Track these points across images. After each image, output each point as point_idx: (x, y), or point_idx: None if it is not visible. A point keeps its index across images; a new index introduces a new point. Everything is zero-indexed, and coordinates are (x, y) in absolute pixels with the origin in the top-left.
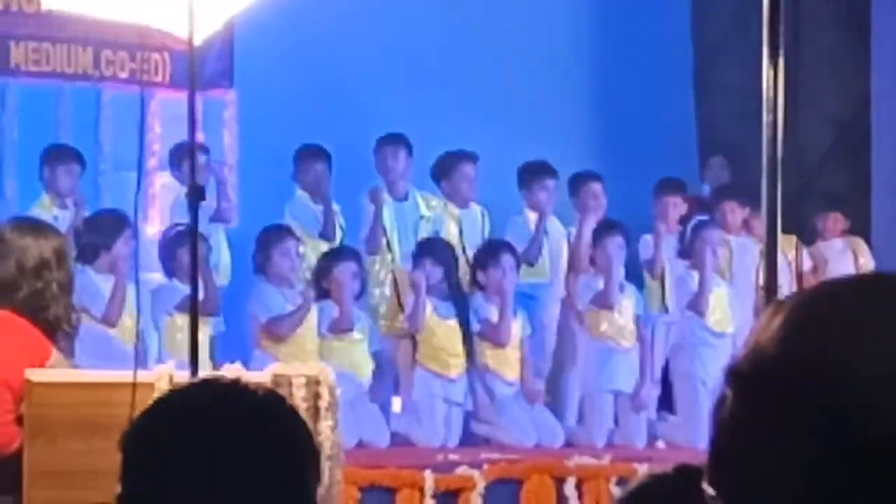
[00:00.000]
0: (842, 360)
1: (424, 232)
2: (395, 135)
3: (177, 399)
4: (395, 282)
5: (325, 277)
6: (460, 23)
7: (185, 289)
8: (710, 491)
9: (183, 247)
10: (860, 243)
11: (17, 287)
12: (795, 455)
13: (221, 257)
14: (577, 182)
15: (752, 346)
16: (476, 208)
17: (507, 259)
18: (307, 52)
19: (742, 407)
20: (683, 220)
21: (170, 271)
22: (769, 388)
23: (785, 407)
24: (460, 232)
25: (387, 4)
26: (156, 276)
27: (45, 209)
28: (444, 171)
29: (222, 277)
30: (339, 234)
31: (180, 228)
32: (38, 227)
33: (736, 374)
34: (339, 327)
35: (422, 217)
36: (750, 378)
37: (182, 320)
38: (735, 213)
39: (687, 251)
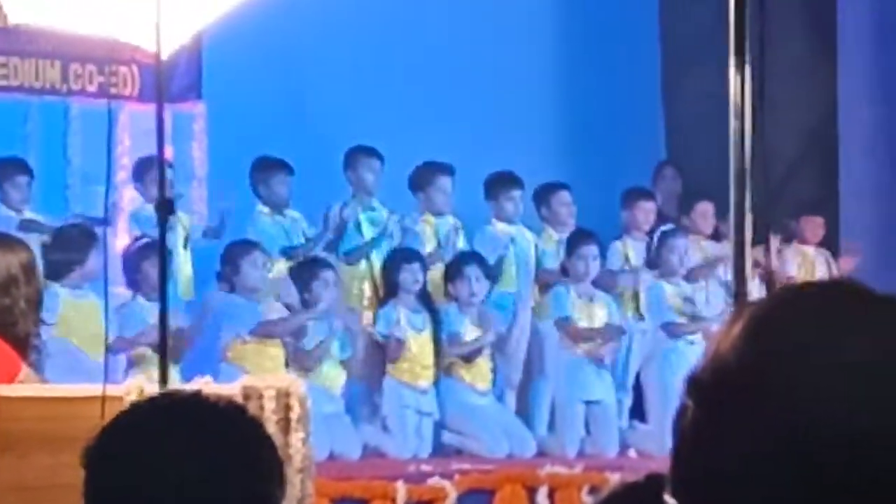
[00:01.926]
0: (799, 369)
1: (396, 243)
2: (367, 147)
3: (138, 413)
4: (365, 292)
5: (306, 290)
6: (427, 35)
7: (147, 303)
8: (671, 501)
9: (147, 260)
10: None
11: None
12: (755, 463)
13: (184, 271)
14: (546, 192)
15: (711, 355)
16: (450, 220)
17: (476, 270)
18: (276, 64)
19: (703, 415)
20: (650, 230)
21: (133, 285)
22: (729, 397)
23: (744, 415)
24: (435, 243)
25: (355, 18)
26: (119, 290)
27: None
28: (420, 182)
29: (186, 292)
30: (304, 243)
31: (145, 241)
32: (4, 242)
33: (696, 383)
34: (306, 356)
35: (391, 232)
36: (710, 386)
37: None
38: (707, 218)
39: (654, 260)
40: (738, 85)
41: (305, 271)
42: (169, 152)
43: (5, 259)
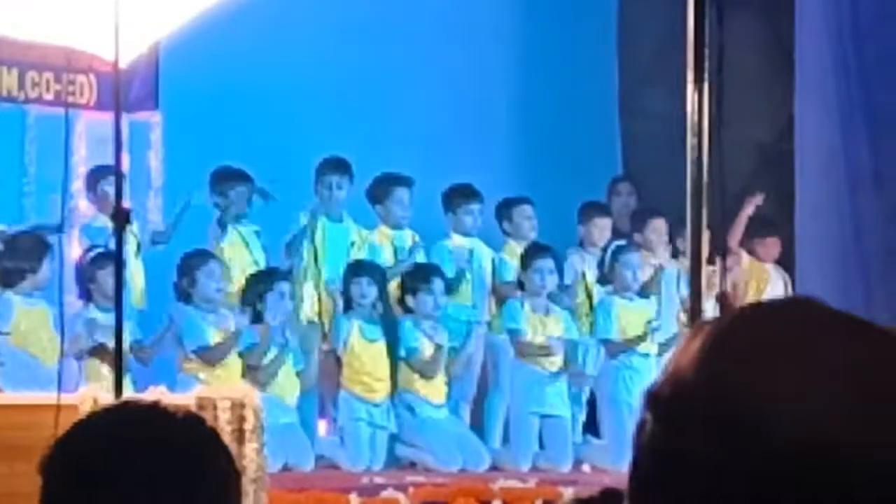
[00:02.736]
0: (758, 384)
1: (355, 255)
2: (336, 158)
3: (95, 422)
4: (321, 303)
5: (258, 300)
6: (386, 48)
7: (101, 315)
8: None
9: (102, 270)
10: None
11: None
12: (714, 478)
13: (136, 281)
14: (509, 205)
15: (671, 370)
16: (408, 233)
17: (435, 283)
18: (232, 75)
19: (661, 430)
20: (605, 245)
21: (85, 294)
22: (688, 412)
23: (703, 430)
24: (393, 256)
25: (313, 28)
26: (70, 299)
27: None
28: (378, 194)
29: (139, 302)
30: (261, 256)
31: (99, 251)
32: None
33: (655, 398)
34: (257, 355)
35: (353, 243)
36: (668, 401)
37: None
38: (661, 234)
39: (607, 275)
40: (695, 101)
41: (261, 282)
42: (125, 162)
43: None
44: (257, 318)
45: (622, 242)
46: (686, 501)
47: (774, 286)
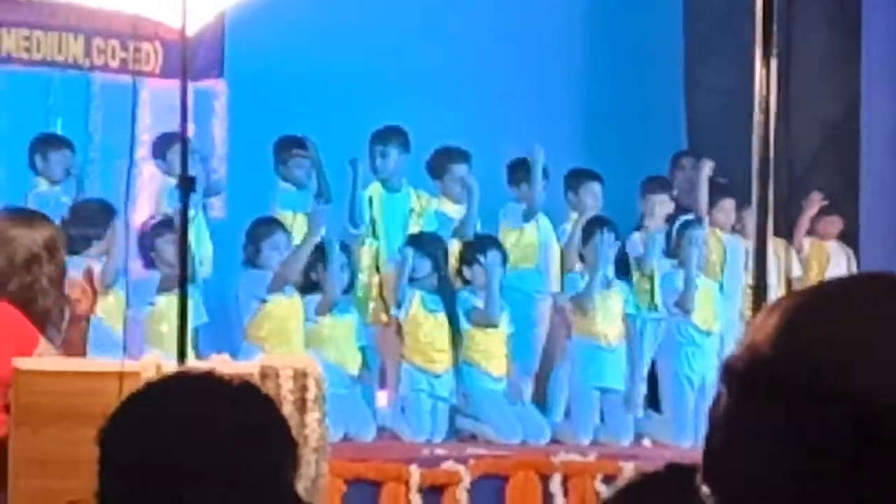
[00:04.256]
0: (835, 358)
1: (415, 226)
2: (393, 127)
3: (151, 392)
4: (381, 275)
5: (313, 269)
6: (453, 18)
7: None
8: (704, 489)
9: (163, 237)
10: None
11: (7, 280)
12: (789, 451)
13: (204, 248)
14: (578, 179)
15: (747, 345)
16: (468, 204)
17: (493, 254)
18: (298, 43)
19: (736, 404)
20: (670, 219)
21: (149, 262)
22: (763, 386)
23: (779, 404)
24: (452, 227)
25: None
26: (135, 266)
27: (44, 193)
28: (437, 168)
29: (205, 268)
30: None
31: (161, 219)
32: (29, 219)
33: (731, 372)
34: (324, 308)
35: (412, 210)
36: (744, 376)
37: (163, 312)
38: (727, 211)
39: (673, 250)
40: (763, 77)
41: (320, 253)
42: (190, 130)
43: (28, 236)
44: (316, 288)
45: (690, 217)
46: (762, 474)
47: (836, 263)
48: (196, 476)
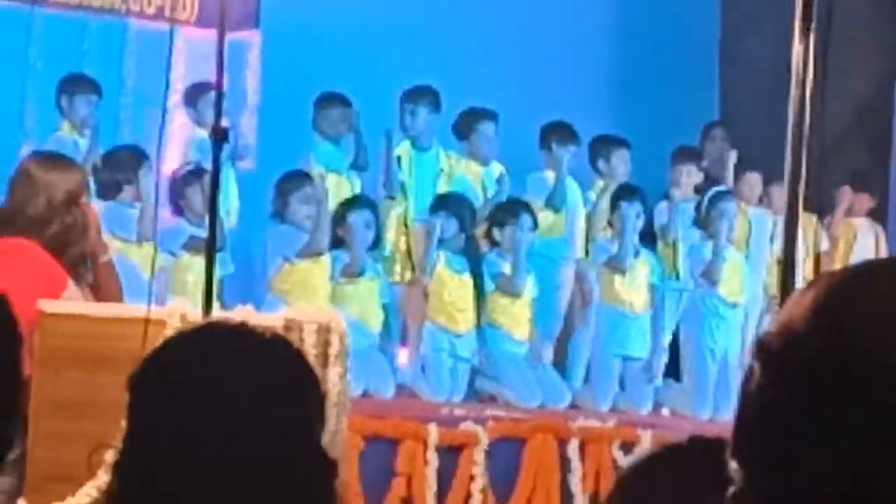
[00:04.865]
0: (871, 336)
1: (443, 185)
2: (423, 86)
3: (183, 341)
4: (409, 233)
5: (339, 225)
6: None
7: (192, 229)
8: (732, 464)
9: (192, 186)
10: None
11: (48, 222)
12: (822, 429)
13: (231, 200)
14: (607, 145)
15: (781, 322)
16: (496, 166)
17: (524, 218)
18: None
19: (769, 381)
20: (701, 190)
21: (177, 210)
22: (798, 362)
23: (813, 381)
24: (481, 189)
25: None
26: (163, 214)
27: (64, 138)
28: (464, 129)
29: (232, 220)
30: (356, 182)
31: (191, 167)
32: (62, 162)
33: (764, 348)
34: (349, 272)
35: (441, 171)
36: (779, 352)
37: (189, 261)
38: (755, 185)
39: (703, 221)
40: (801, 53)
41: (347, 209)
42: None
43: (64, 179)
44: (342, 243)
45: (722, 188)
46: (793, 450)
47: (865, 239)
48: (229, 427)
